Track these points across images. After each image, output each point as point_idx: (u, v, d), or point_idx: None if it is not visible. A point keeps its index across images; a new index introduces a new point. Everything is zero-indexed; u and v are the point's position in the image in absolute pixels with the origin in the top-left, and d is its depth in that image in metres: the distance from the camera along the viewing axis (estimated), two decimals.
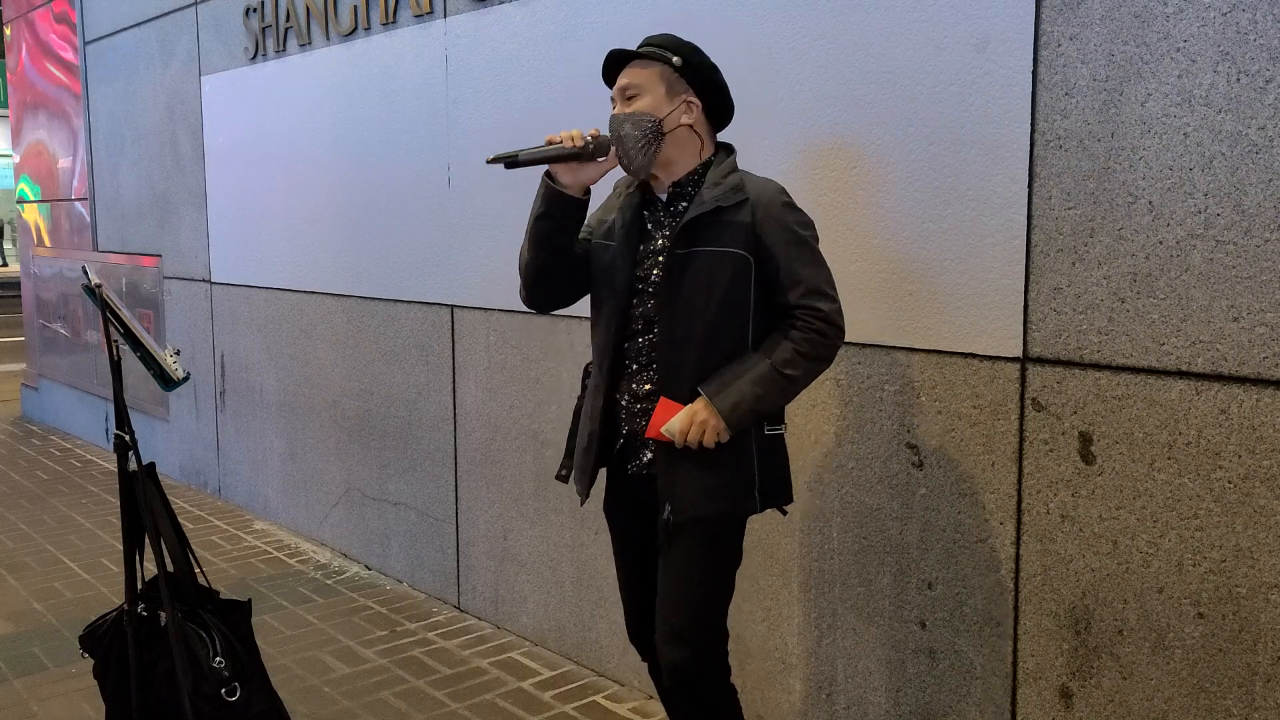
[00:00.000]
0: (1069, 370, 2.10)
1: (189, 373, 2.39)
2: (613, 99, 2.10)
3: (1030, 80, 2.10)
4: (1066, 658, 2.15)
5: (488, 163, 1.99)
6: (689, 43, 2.09)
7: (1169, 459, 1.97)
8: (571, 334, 3.20)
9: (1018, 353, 2.17)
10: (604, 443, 2.13)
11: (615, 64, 2.11)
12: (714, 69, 2.10)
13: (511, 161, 1.97)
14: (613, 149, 2.04)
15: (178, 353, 2.34)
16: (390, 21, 3.82)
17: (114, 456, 1.90)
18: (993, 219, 2.18)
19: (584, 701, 3.08)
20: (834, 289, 2.03)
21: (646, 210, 2.13)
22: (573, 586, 3.31)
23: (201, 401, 5.39)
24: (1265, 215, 1.83)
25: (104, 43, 5.99)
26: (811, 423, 2.56)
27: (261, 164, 4.69)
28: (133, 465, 2.23)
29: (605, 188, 2.24)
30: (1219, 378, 1.90)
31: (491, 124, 3.43)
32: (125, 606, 2.26)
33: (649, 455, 2.09)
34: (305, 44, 4.30)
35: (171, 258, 5.54)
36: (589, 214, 2.16)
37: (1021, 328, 2.16)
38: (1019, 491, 2.19)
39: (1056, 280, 2.10)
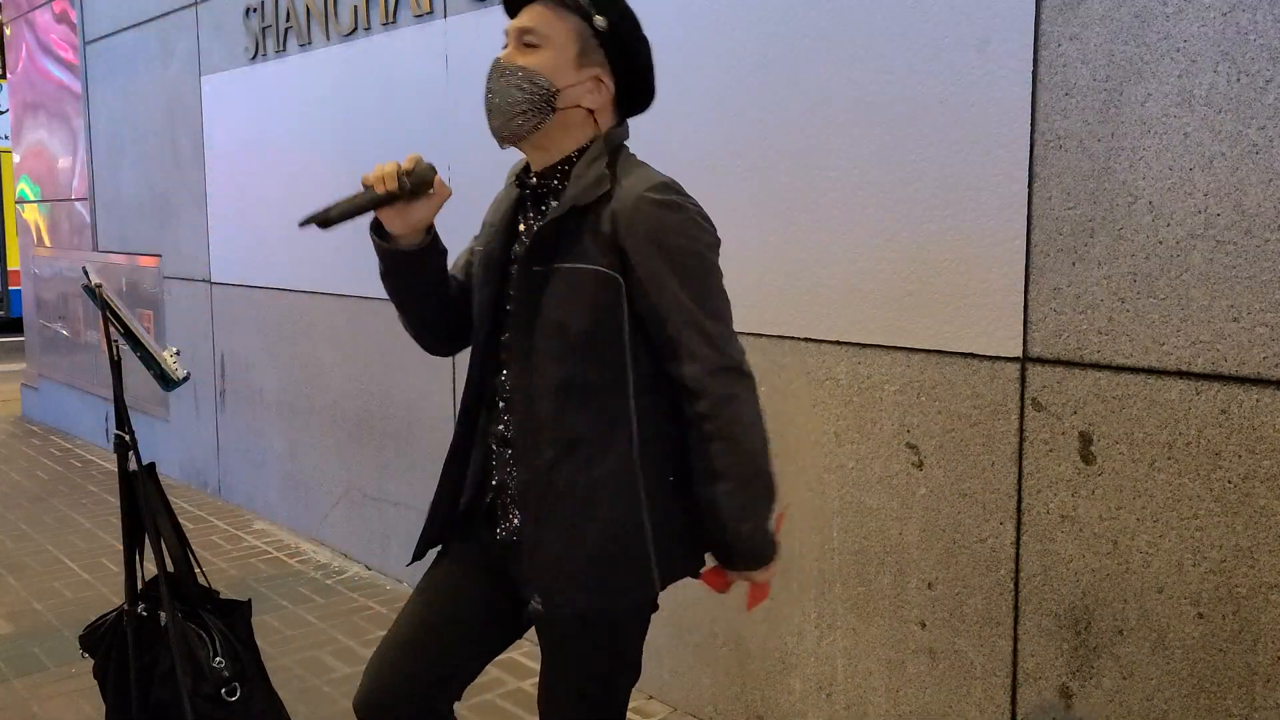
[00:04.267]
0: (1069, 370, 2.10)
1: (189, 373, 2.38)
2: (506, 34, 1.60)
3: (1030, 80, 2.10)
4: (1066, 658, 2.15)
5: (300, 226, 1.61)
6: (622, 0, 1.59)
7: (1169, 459, 1.97)
8: None
9: (1018, 353, 2.17)
10: (458, 495, 1.72)
11: None
12: (643, 43, 1.61)
13: (324, 220, 1.60)
14: (437, 177, 1.61)
15: (178, 352, 2.34)
16: (390, 21, 3.82)
17: (114, 456, 1.90)
18: (993, 219, 2.18)
19: None
20: (725, 325, 1.53)
21: (521, 209, 1.68)
22: None
23: (201, 401, 5.38)
24: (1265, 215, 1.83)
25: (104, 43, 5.99)
26: (811, 423, 2.56)
27: (261, 164, 4.69)
28: (133, 465, 2.23)
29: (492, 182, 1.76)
30: (1219, 378, 1.90)
31: None
32: (125, 606, 2.26)
33: (517, 519, 1.64)
34: (305, 44, 4.30)
35: (171, 258, 5.54)
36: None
37: (1021, 328, 2.16)
38: (1019, 491, 2.19)
39: (1056, 280, 2.10)
